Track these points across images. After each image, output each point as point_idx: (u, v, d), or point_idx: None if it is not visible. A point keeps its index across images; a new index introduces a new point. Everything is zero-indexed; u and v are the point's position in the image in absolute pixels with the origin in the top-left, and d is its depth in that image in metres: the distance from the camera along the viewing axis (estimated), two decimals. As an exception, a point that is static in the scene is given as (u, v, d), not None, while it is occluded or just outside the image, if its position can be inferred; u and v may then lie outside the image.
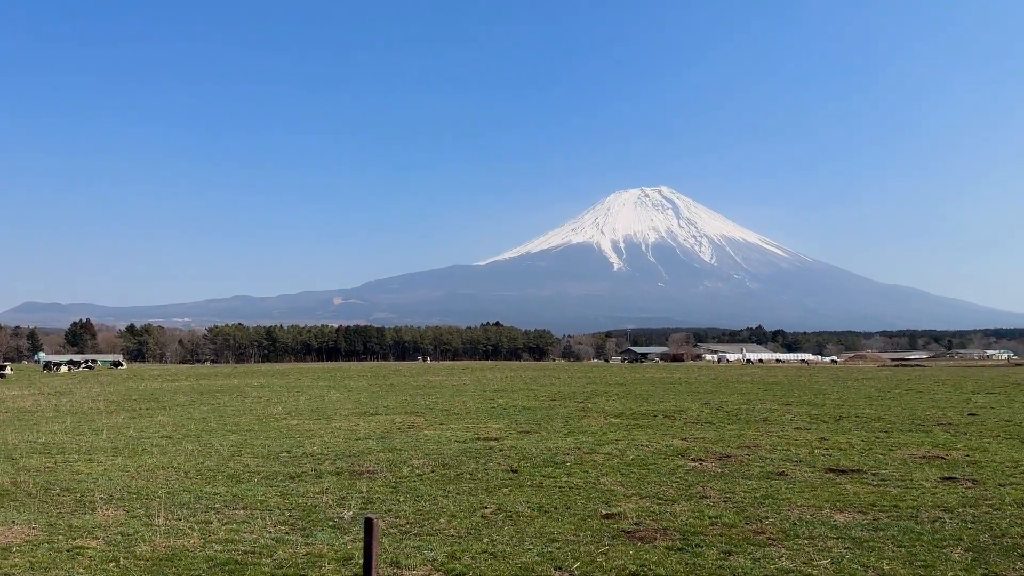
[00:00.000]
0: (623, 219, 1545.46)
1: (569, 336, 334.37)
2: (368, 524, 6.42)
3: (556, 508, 11.51)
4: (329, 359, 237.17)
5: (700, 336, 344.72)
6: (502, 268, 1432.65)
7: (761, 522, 10.54)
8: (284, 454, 16.88)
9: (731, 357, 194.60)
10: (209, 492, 12.76)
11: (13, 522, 10.67)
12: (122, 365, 72.51)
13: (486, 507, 11.59)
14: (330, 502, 11.90)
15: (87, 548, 9.42)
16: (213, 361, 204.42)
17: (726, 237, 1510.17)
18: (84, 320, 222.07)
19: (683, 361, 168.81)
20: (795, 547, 9.37)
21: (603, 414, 24.86)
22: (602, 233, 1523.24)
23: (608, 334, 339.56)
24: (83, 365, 63.04)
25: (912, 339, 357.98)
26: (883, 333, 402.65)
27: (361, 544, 9.67)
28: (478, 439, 19.09)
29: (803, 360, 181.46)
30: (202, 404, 29.28)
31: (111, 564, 8.81)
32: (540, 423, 22.60)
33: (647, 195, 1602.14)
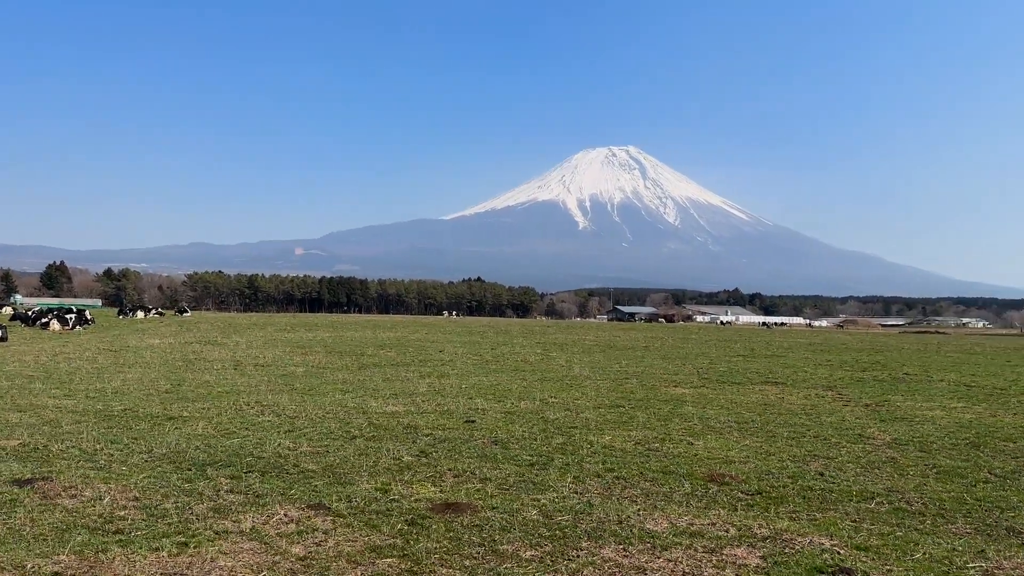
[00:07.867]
0: (590, 178, 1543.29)
1: (551, 294, 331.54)
2: None
3: None
4: (311, 310, 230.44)
5: (678, 297, 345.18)
6: (467, 223, 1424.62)
7: None
8: (867, 440, 11.88)
9: (723, 319, 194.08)
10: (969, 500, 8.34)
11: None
12: (185, 313, 67.00)
13: None
14: None
15: None
16: (194, 308, 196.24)
17: (690, 199, 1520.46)
18: (59, 263, 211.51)
19: (675, 322, 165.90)
20: None
21: (965, 387, 20.85)
22: (568, 191, 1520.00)
23: (591, 292, 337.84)
24: (153, 311, 58.23)
25: (886, 305, 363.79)
26: (852, 298, 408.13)
27: None
28: None
29: (808, 324, 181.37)
30: (447, 361, 24.48)
31: None
32: (987, 401, 17.85)
33: (615, 154, 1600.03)
